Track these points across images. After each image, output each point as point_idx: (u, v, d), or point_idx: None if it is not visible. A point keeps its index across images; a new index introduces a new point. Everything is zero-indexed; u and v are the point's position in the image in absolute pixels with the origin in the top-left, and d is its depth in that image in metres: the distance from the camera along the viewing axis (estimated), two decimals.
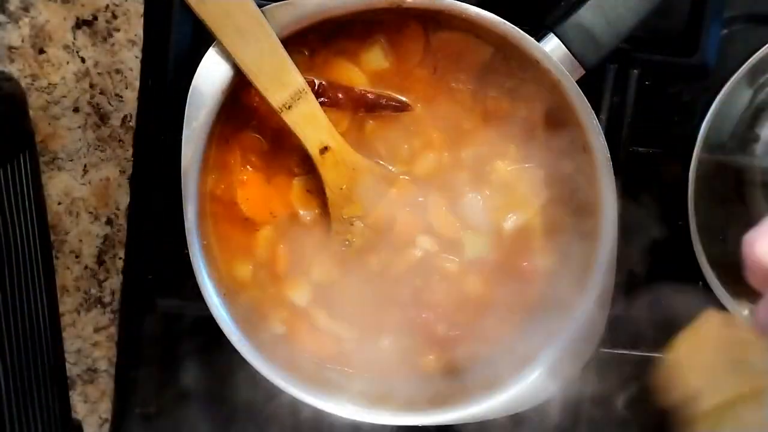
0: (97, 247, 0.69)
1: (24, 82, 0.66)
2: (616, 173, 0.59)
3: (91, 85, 0.67)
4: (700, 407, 0.51)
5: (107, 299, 0.70)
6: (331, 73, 0.60)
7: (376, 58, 0.60)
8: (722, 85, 0.63)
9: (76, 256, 0.69)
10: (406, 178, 0.63)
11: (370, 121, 0.62)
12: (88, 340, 0.70)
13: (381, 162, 0.62)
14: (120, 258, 0.69)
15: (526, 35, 0.57)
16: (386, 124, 0.62)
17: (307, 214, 0.63)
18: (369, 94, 0.61)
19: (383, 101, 0.61)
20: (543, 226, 0.64)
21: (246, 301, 0.64)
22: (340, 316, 0.65)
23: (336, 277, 0.64)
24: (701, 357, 0.54)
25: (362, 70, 0.61)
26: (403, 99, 0.61)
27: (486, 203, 0.63)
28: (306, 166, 0.62)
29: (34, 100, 0.66)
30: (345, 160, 0.60)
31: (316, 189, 0.62)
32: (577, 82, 0.58)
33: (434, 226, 0.63)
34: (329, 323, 0.65)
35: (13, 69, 0.66)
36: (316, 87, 0.60)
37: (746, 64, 0.63)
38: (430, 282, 0.65)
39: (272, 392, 0.62)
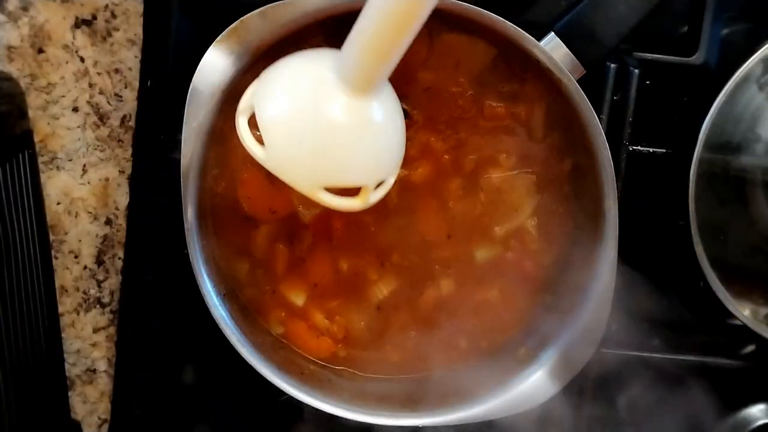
0: (96, 247, 0.69)
1: (23, 82, 0.66)
2: (616, 173, 0.59)
3: (91, 85, 0.66)
4: None
5: (106, 299, 0.70)
6: None
7: None
8: (722, 85, 0.63)
9: (76, 257, 0.69)
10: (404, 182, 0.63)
11: None
12: (88, 341, 0.70)
13: None
14: (119, 258, 0.69)
15: (527, 34, 0.57)
16: None
17: (307, 212, 0.63)
18: None
19: None
20: (543, 227, 0.63)
21: (245, 301, 0.64)
22: (338, 316, 0.65)
23: (335, 277, 0.64)
24: None
25: None
26: (402, 106, 0.61)
27: (485, 207, 0.63)
28: None
29: (33, 100, 0.66)
30: None
31: None
32: (577, 81, 0.58)
33: (431, 230, 0.63)
34: (328, 324, 0.64)
35: (12, 69, 0.66)
36: None
37: (746, 64, 0.63)
38: (429, 284, 0.64)
39: (272, 392, 0.62)
